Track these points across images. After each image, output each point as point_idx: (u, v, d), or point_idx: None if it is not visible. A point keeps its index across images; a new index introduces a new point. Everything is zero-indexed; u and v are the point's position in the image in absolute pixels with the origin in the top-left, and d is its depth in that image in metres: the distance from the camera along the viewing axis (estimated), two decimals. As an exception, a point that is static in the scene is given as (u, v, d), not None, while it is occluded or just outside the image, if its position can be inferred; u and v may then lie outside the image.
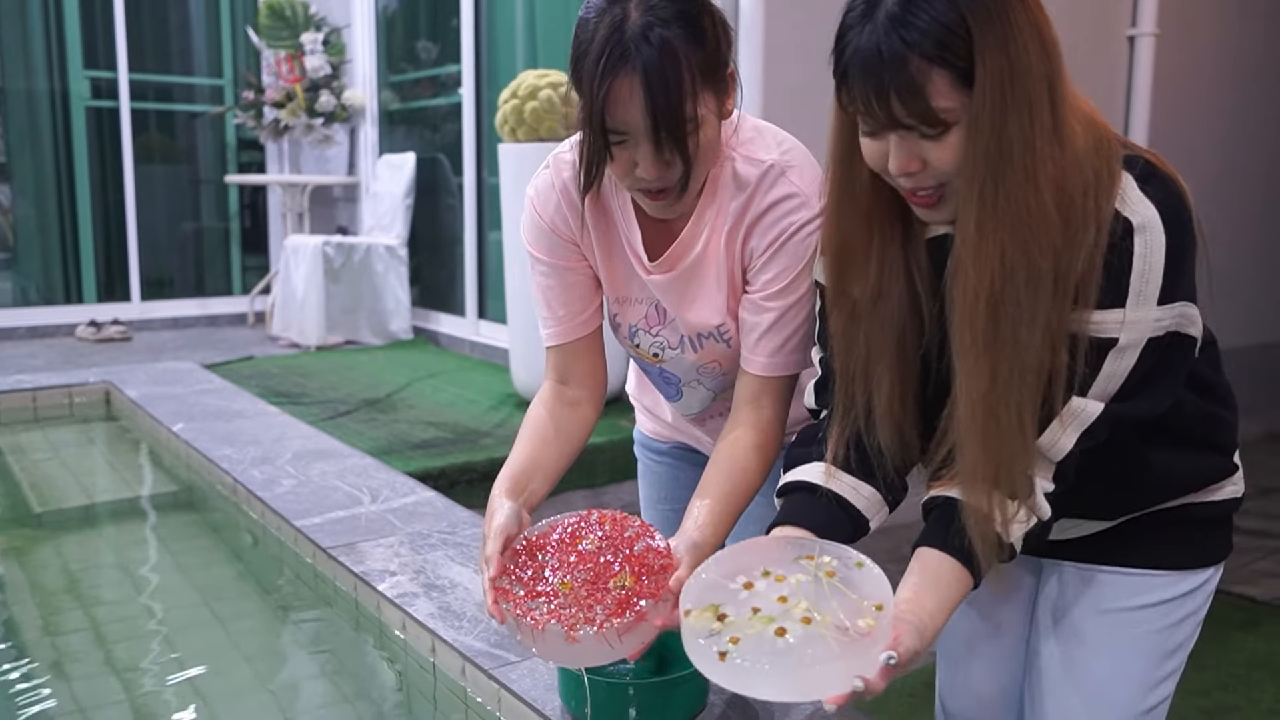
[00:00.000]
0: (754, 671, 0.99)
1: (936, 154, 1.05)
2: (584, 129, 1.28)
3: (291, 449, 2.86)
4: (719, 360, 1.49)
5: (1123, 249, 1.06)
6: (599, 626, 1.17)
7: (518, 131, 3.58)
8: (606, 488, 3.38)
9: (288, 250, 5.30)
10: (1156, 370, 1.11)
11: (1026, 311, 1.05)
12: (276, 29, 5.83)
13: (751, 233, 1.38)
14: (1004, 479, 1.10)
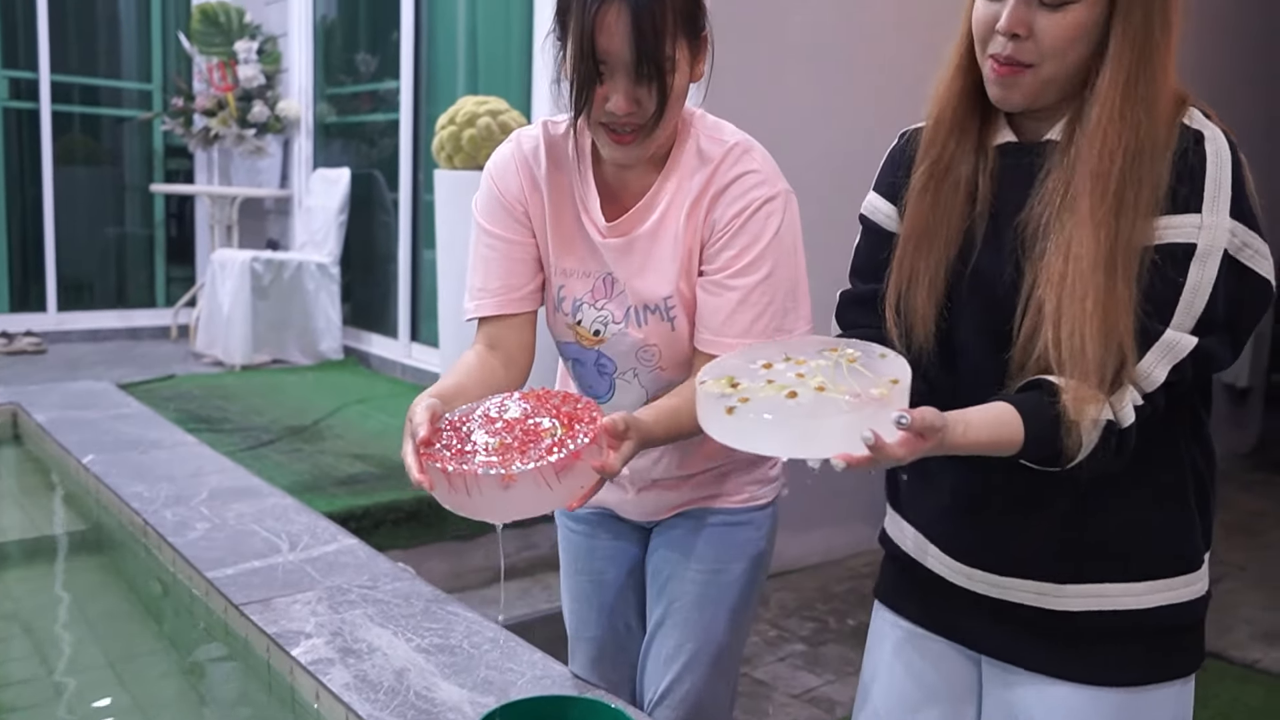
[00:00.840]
0: (759, 423, 0.98)
1: (1047, 23, 1.13)
2: (573, 56, 1.34)
3: (208, 486, 2.75)
4: (659, 344, 1.49)
5: (1196, 154, 1.13)
6: (535, 464, 1.15)
7: (455, 158, 3.50)
8: (537, 526, 3.31)
9: (214, 265, 5.15)
10: (1233, 305, 1.13)
11: (1145, 192, 1.12)
12: (209, 35, 5.68)
13: (715, 204, 1.42)
14: (1110, 353, 1.11)
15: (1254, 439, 6.23)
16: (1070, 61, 1.15)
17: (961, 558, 1.32)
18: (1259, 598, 3.83)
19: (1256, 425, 6.28)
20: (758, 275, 1.41)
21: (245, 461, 3.32)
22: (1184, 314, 1.13)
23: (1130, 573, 1.24)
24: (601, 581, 1.77)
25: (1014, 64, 1.16)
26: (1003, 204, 1.23)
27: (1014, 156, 1.24)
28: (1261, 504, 5.08)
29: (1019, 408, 1.11)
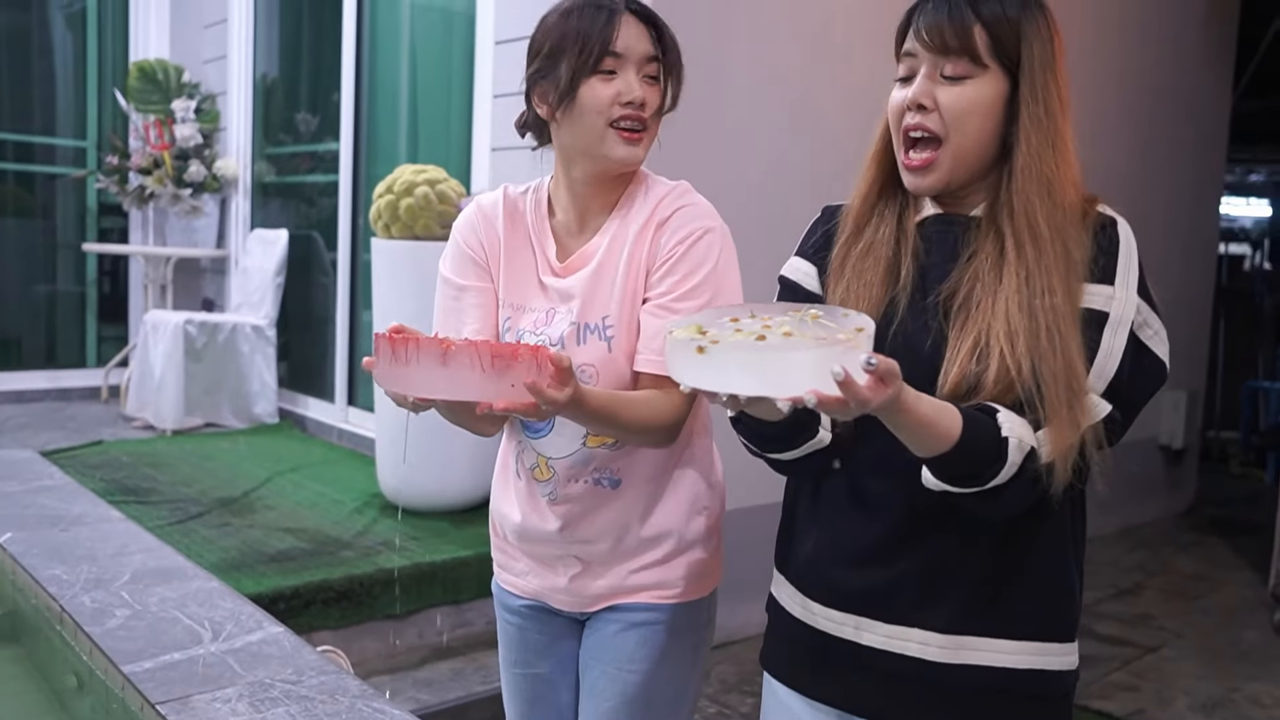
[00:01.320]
0: (729, 361, 1.01)
1: (949, 98, 1.26)
2: (566, 60, 1.48)
3: (131, 568, 2.66)
4: (596, 366, 1.54)
5: (1111, 234, 1.26)
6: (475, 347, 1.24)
7: (392, 228, 3.46)
8: (471, 603, 3.25)
9: (147, 326, 5.05)
10: (1133, 381, 1.23)
11: (1071, 258, 1.23)
12: (146, 92, 5.61)
13: (660, 232, 1.53)
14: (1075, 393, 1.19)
15: (1190, 499, 6.33)
16: (972, 134, 1.27)
17: (853, 608, 1.35)
18: (1196, 666, 3.85)
19: (1192, 485, 6.39)
20: (700, 300, 1.50)
21: (172, 537, 3.23)
22: (1097, 377, 1.22)
23: (1015, 630, 1.30)
24: (535, 676, 1.76)
25: (924, 135, 1.28)
26: (926, 277, 1.31)
27: (937, 228, 1.34)
28: (1198, 566, 5.14)
29: (961, 411, 1.17)
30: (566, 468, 1.60)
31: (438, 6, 4.55)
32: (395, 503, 3.71)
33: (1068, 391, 1.18)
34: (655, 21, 1.53)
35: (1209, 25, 6.01)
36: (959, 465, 1.16)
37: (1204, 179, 6.20)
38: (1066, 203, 1.25)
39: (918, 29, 1.29)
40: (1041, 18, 1.28)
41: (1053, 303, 1.20)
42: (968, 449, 1.15)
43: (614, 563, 1.64)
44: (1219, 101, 6.29)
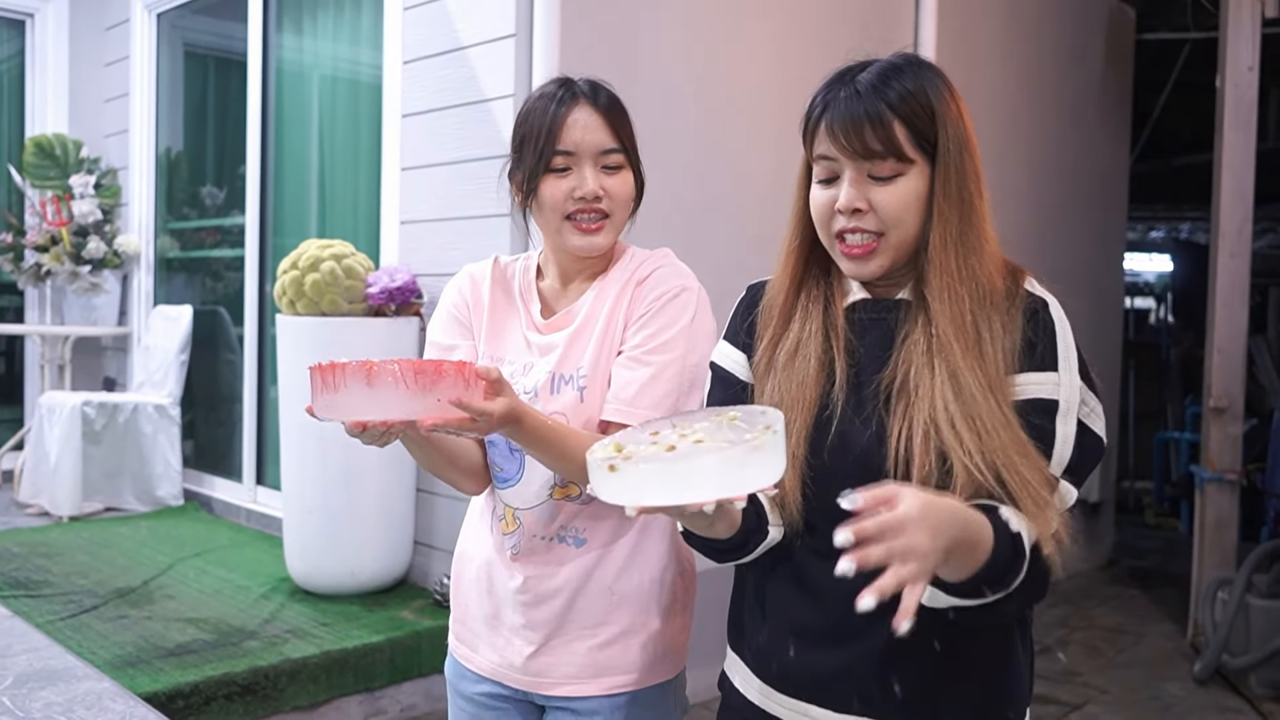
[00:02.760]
0: (638, 475, 1.01)
1: (883, 197, 1.23)
2: (535, 154, 1.53)
3: (15, 670, 2.48)
4: (568, 415, 1.54)
5: (1044, 317, 1.24)
6: (398, 365, 1.26)
7: (297, 304, 3.37)
8: (385, 690, 3.12)
9: (42, 408, 4.84)
10: (1083, 458, 1.22)
11: (1003, 341, 1.22)
12: (43, 168, 5.45)
13: (640, 287, 1.57)
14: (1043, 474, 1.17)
15: (1108, 552, 6.40)
16: (911, 227, 1.25)
17: (803, 695, 1.31)
18: (1121, 723, 3.85)
19: (1110, 538, 6.47)
20: (672, 354, 1.53)
21: (63, 634, 3.07)
22: (1056, 465, 1.20)
23: (963, 716, 1.28)
24: None
25: (863, 235, 1.25)
26: (861, 367, 1.28)
27: (867, 314, 1.31)
28: (1118, 618, 5.17)
29: (983, 511, 1.11)
30: (532, 520, 1.59)
31: (344, 79, 4.49)
32: (304, 587, 3.57)
33: (1040, 485, 1.16)
34: (604, 108, 1.56)
35: (1106, 94, 6.21)
36: (987, 575, 1.11)
37: (1107, 237, 6.37)
38: (987, 285, 1.23)
39: (833, 133, 1.25)
40: (946, 91, 1.26)
41: (985, 402, 1.18)
42: (999, 555, 1.11)
43: (571, 633, 1.58)
44: (1118, 164, 6.49)
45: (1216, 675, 4.27)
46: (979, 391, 1.18)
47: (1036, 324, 1.23)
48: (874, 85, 1.23)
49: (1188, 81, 6.98)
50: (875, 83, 1.24)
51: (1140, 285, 11.65)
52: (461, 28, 3.51)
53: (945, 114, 1.24)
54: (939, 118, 1.24)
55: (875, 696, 1.27)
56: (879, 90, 1.23)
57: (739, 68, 3.96)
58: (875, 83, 1.24)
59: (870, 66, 1.26)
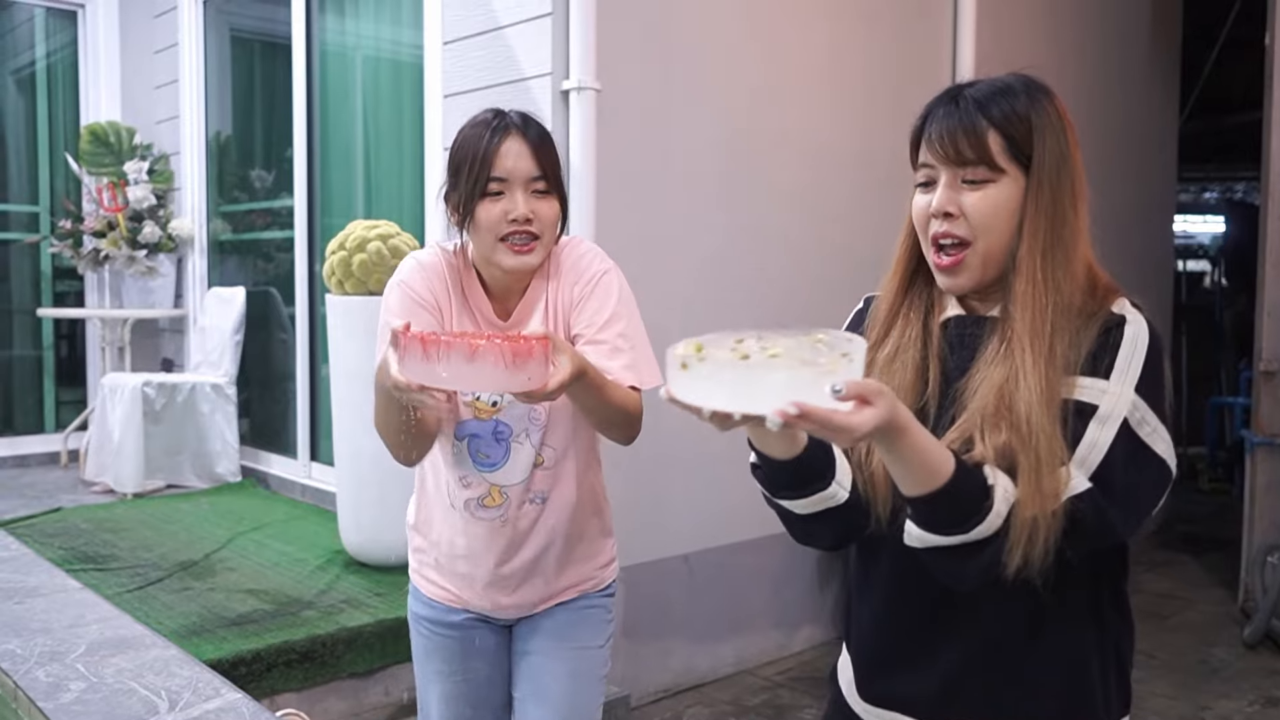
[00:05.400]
0: (701, 376, 1.04)
1: (973, 202, 1.27)
2: (470, 180, 1.70)
3: (87, 639, 2.61)
4: (543, 407, 1.77)
5: (1116, 333, 1.25)
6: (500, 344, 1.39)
7: (345, 284, 3.45)
8: (376, 673, 3.18)
9: (104, 389, 4.99)
10: (1130, 479, 1.19)
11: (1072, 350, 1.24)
12: (99, 155, 5.58)
13: (566, 279, 1.80)
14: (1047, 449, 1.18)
15: (1160, 517, 6.34)
16: (1001, 234, 1.28)
17: (883, 704, 1.40)
18: (1168, 687, 3.86)
19: (1160, 503, 6.40)
20: (618, 327, 1.76)
21: (131, 605, 3.18)
22: (1078, 465, 1.19)
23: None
24: (475, 679, 1.95)
25: (953, 241, 1.30)
26: (949, 378, 1.33)
27: (959, 329, 1.35)
28: (1168, 584, 5.16)
29: (954, 452, 1.17)
30: (519, 492, 1.83)
31: (386, 60, 4.56)
32: (358, 558, 3.67)
33: (1039, 459, 1.17)
34: (533, 139, 1.73)
35: (1153, 53, 6.12)
36: (946, 507, 1.15)
37: (1157, 199, 6.29)
38: (1070, 299, 1.26)
39: (930, 140, 1.31)
40: (1050, 106, 1.30)
41: (1028, 389, 1.21)
42: (957, 488, 1.14)
43: (547, 569, 1.89)
44: (1167, 124, 6.40)
45: (1266, 639, 4.26)
46: (1019, 387, 1.21)
47: (1107, 338, 1.24)
48: (976, 98, 1.29)
49: (1240, 38, 6.84)
50: (978, 96, 1.29)
51: (1194, 248, 11.45)
52: (499, 7, 3.55)
53: (1044, 128, 1.28)
54: (1036, 131, 1.27)
55: (947, 711, 1.34)
56: (979, 103, 1.28)
57: (776, 44, 3.98)
58: (978, 96, 1.29)
59: (981, 83, 1.32)
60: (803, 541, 1.40)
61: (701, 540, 3.78)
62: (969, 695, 1.33)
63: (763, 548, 3.92)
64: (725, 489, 3.71)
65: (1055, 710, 1.32)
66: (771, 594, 4.07)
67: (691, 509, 3.69)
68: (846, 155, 4.24)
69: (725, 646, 3.92)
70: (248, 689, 2.83)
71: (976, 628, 1.31)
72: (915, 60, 4.51)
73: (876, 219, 4.25)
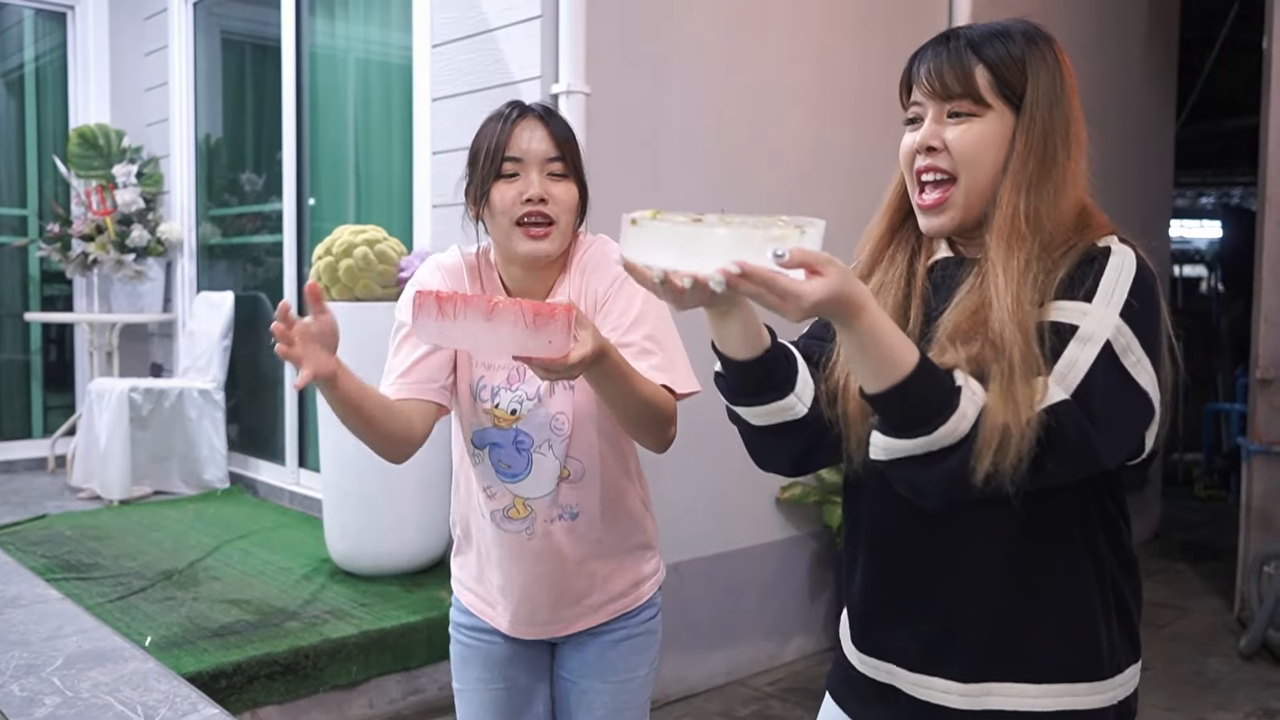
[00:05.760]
0: (654, 236, 1.04)
1: (956, 135, 1.26)
2: (486, 161, 1.66)
3: (65, 651, 2.57)
4: (567, 412, 1.71)
5: (1100, 261, 1.21)
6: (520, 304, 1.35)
7: (332, 290, 3.41)
8: (422, 669, 3.17)
9: (91, 395, 4.95)
10: (1110, 405, 1.15)
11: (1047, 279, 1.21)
12: (87, 158, 5.54)
13: (591, 279, 1.71)
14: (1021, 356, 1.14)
15: (1155, 524, 6.32)
16: (985, 170, 1.26)
17: (879, 654, 1.38)
18: (1164, 698, 3.81)
19: (1157, 511, 6.39)
20: (645, 328, 1.67)
21: (112, 615, 3.14)
22: (1057, 381, 1.15)
23: (1038, 674, 1.27)
24: (515, 688, 1.89)
25: (936, 177, 1.28)
26: (929, 318, 1.30)
27: (944, 271, 1.33)
28: (1164, 593, 5.12)
29: (921, 350, 1.13)
30: (543, 506, 1.76)
31: (375, 63, 4.52)
32: (344, 567, 3.62)
33: (1012, 367, 1.13)
34: (550, 123, 1.68)
35: (1149, 56, 6.09)
36: (910, 403, 1.10)
37: (1153, 203, 6.26)
38: (1052, 235, 1.23)
39: (918, 76, 1.30)
40: (1049, 51, 1.28)
41: (1001, 309, 1.18)
42: (922, 382, 1.10)
43: (580, 588, 1.82)
44: (1163, 128, 6.37)
45: (1262, 650, 4.22)
46: (1006, 308, 1.17)
47: (1088, 265, 1.21)
48: (969, 36, 1.28)
49: (1237, 41, 6.81)
50: (971, 35, 1.28)
51: (1190, 253, 11.44)
52: (488, 10, 3.51)
53: (1038, 70, 1.26)
54: (1029, 69, 1.26)
55: (942, 659, 1.31)
56: (971, 40, 1.27)
57: (766, 50, 3.94)
58: (971, 35, 1.28)
59: (977, 25, 1.31)
60: (761, 462, 1.37)
61: (691, 549, 3.74)
62: (957, 645, 1.30)
63: (753, 557, 3.89)
64: (715, 498, 3.68)
65: (1054, 659, 1.28)
66: (762, 603, 4.03)
67: (681, 518, 3.65)
68: (837, 161, 4.21)
69: (715, 657, 3.88)
70: (228, 702, 2.79)
71: (959, 575, 1.29)
72: (909, 64, 4.47)
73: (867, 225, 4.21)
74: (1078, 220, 1.26)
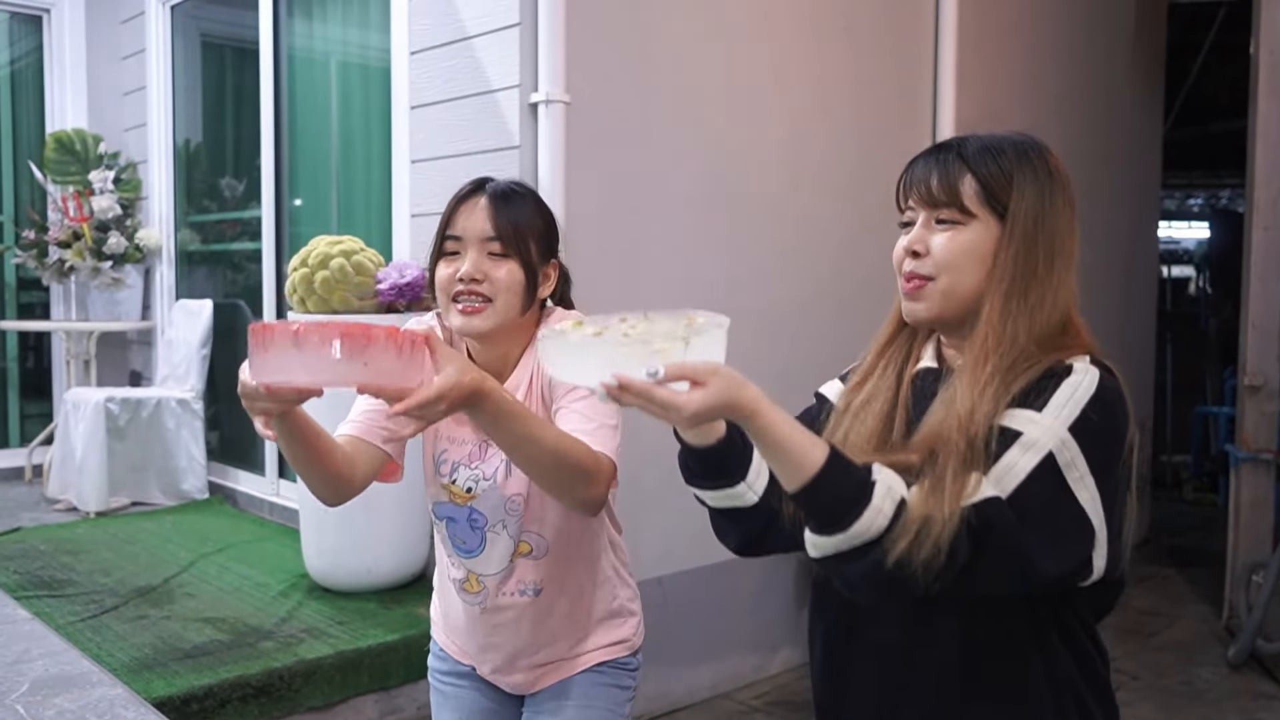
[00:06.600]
0: (548, 349, 1.14)
1: (940, 242, 1.30)
2: (435, 240, 1.69)
3: (31, 676, 2.50)
4: (524, 493, 1.69)
5: (1060, 378, 1.22)
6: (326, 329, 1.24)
7: (308, 302, 3.35)
8: (400, 689, 3.11)
9: (67, 405, 4.87)
10: (1048, 509, 1.14)
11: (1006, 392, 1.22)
12: (64, 164, 5.46)
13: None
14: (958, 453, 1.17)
15: (1143, 530, 6.30)
16: (965, 276, 1.29)
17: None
18: (1151, 709, 3.78)
19: (1146, 514, 6.36)
20: (580, 394, 1.62)
21: (83, 635, 3.08)
22: (993, 483, 1.15)
23: None
24: None
25: (917, 278, 1.31)
26: (911, 425, 1.33)
27: (923, 381, 1.36)
28: (1152, 600, 5.09)
29: (834, 447, 1.14)
30: (495, 583, 1.76)
31: (355, 70, 4.46)
32: (321, 584, 3.56)
33: (945, 466, 1.15)
34: (498, 203, 1.65)
35: (1136, 60, 6.06)
36: (822, 501, 1.11)
37: (1141, 206, 6.24)
38: (1022, 350, 1.24)
39: (908, 182, 1.35)
40: (1041, 164, 1.31)
41: (952, 415, 1.21)
42: (831, 480, 1.11)
43: (540, 655, 1.80)
44: (1151, 131, 6.34)
45: (1251, 660, 4.19)
46: (956, 414, 1.21)
47: (1049, 379, 1.22)
48: (960, 145, 1.32)
49: (1225, 44, 6.79)
50: (963, 144, 1.33)
51: (1179, 253, 11.43)
52: (467, 17, 3.46)
53: (1026, 183, 1.29)
54: (1016, 183, 1.29)
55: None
56: (962, 150, 1.32)
57: (750, 58, 3.89)
58: (963, 144, 1.33)
59: (973, 137, 1.34)
60: (717, 535, 1.42)
61: (675, 563, 3.69)
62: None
63: (738, 570, 3.84)
64: (699, 511, 3.62)
65: None
66: (748, 616, 3.98)
67: (664, 531, 3.60)
68: (823, 172, 4.16)
69: (701, 670, 3.83)
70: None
71: (909, 671, 1.30)
72: (894, 72, 4.43)
73: (853, 237, 4.17)
74: (1060, 335, 1.28)
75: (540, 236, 1.70)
